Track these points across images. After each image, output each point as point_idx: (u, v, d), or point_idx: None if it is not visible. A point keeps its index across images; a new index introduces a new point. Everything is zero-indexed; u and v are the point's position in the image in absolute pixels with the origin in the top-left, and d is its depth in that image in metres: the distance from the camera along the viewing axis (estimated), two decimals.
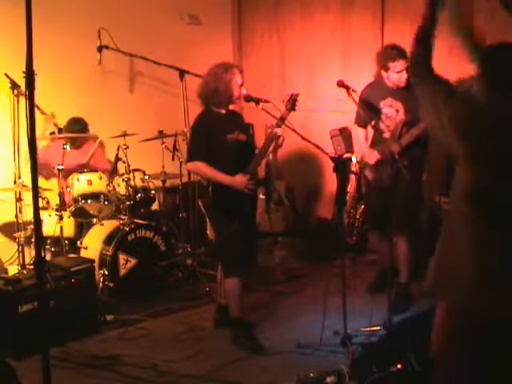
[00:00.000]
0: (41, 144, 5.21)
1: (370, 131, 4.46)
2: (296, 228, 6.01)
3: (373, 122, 4.35)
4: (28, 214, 4.65)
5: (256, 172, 3.87)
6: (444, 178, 4.82)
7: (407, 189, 4.09)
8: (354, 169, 5.47)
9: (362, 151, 4.43)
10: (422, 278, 4.46)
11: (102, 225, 4.76)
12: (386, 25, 5.37)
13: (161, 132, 5.13)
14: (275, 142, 3.79)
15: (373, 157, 4.25)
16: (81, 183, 4.79)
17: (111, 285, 4.48)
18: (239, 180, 3.68)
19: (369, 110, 4.16)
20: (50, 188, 5.05)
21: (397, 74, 4.07)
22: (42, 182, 5.04)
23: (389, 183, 4.11)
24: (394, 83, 4.13)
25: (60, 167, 4.51)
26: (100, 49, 5.25)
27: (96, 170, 4.94)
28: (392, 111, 4.18)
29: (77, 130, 5.14)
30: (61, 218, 4.51)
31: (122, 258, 4.54)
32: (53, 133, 4.97)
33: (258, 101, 3.74)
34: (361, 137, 4.45)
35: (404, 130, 4.12)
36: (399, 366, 2.89)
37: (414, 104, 4.12)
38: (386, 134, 4.20)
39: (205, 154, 3.71)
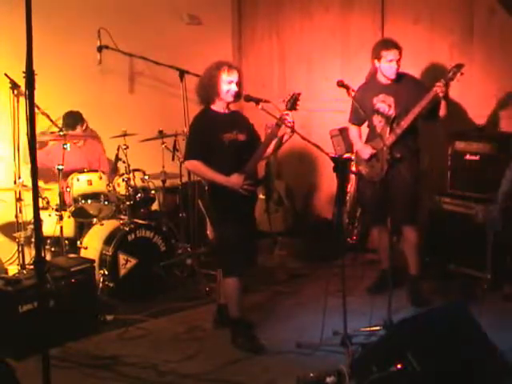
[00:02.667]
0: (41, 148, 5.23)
1: (365, 129, 4.50)
2: (296, 228, 6.01)
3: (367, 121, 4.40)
4: (28, 214, 4.65)
5: (254, 172, 3.87)
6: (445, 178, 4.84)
7: (404, 181, 4.14)
8: (353, 169, 5.47)
9: (356, 147, 4.50)
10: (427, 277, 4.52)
11: (102, 225, 4.76)
12: (386, 25, 5.37)
13: (161, 132, 5.13)
14: (283, 132, 3.73)
15: (366, 152, 4.32)
16: (81, 183, 4.79)
17: (111, 285, 4.48)
18: (234, 180, 3.67)
19: (363, 110, 4.19)
20: (50, 188, 5.05)
21: (388, 64, 4.16)
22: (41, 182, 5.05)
23: (382, 177, 4.14)
24: (386, 74, 4.21)
25: (60, 167, 4.50)
26: (100, 49, 5.24)
27: (96, 170, 4.95)
28: (385, 106, 4.25)
29: (72, 123, 5.17)
30: (61, 217, 4.50)
31: (122, 257, 4.54)
32: (53, 132, 4.96)
33: (257, 101, 3.73)
34: (353, 133, 4.53)
35: (395, 124, 4.17)
36: (399, 366, 2.89)
37: (404, 97, 4.18)
38: (379, 130, 4.25)
39: (201, 152, 3.71)
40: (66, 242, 4.73)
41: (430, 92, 4.02)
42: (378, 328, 3.73)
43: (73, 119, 5.23)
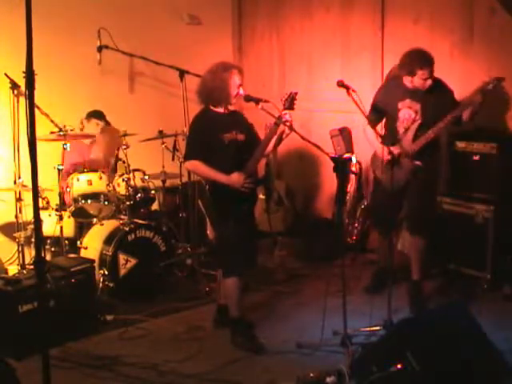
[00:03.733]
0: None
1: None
2: (296, 228, 6.01)
3: (383, 122, 4.32)
4: (28, 214, 4.65)
5: (255, 171, 3.87)
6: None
7: (420, 190, 4.07)
8: (354, 169, 5.47)
9: (375, 148, 4.30)
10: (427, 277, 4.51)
11: (102, 225, 4.76)
12: (385, 25, 5.37)
13: (161, 132, 5.13)
14: (282, 129, 3.71)
15: (387, 155, 4.11)
16: (81, 183, 4.78)
17: (111, 285, 4.48)
18: (235, 178, 3.67)
19: (383, 111, 4.11)
20: (50, 188, 5.05)
21: (422, 81, 4.02)
22: (43, 182, 5.05)
23: (402, 183, 4.08)
24: (418, 87, 4.07)
25: (60, 167, 4.50)
26: (100, 49, 5.24)
27: (96, 170, 4.94)
28: (410, 112, 4.12)
29: (96, 115, 5.33)
30: (61, 217, 4.50)
31: (122, 258, 4.54)
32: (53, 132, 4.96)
33: (257, 101, 3.73)
34: (371, 135, 4.26)
35: (419, 131, 4.07)
36: (399, 366, 2.89)
37: (431, 106, 4.05)
38: (402, 136, 4.15)
39: (201, 152, 3.71)
40: (66, 242, 4.72)
41: (466, 102, 3.94)
42: (378, 328, 3.73)
43: (95, 113, 5.35)
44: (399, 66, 4.14)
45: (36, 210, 2.38)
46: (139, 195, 4.95)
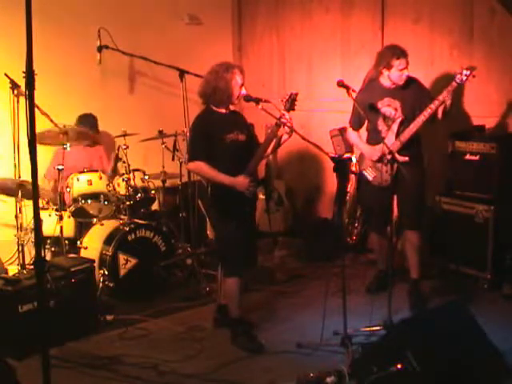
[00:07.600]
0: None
1: (362, 132, 4.45)
2: (296, 228, 6.01)
3: (366, 124, 4.35)
4: (28, 214, 4.65)
5: (255, 172, 3.87)
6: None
7: (412, 185, 4.09)
8: (354, 169, 5.47)
9: (362, 150, 4.40)
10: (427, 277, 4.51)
11: (102, 225, 4.76)
12: (386, 25, 5.37)
13: (161, 132, 5.13)
14: (281, 133, 3.72)
15: (375, 154, 4.22)
16: (81, 183, 4.79)
17: (111, 285, 4.48)
18: (240, 181, 3.66)
19: (365, 113, 4.15)
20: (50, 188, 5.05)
21: (399, 72, 4.10)
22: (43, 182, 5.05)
23: (390, 181, 4.10)
24: (394, 81, 4.15)
25: (60, 167, 4.50)
26: (100, 49, 5.24)
27: (96, 170, 4.95)
28: (391, 110, 4.19)
29: (87, 125, 5.20)
30: (61, 218, 4.50)
31: (122, 258, 4.54)
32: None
33: (257, 101, 3.73)
34: (355, 138, 4.42)
35: (402, 127, 4.14)
36: (399, 366, 2.89)
37: (410, 100, 4.14)
38: (385, 134, 4.20)
39: (204, 153, 3.71)
40: (66, 242, 4.72)
41: (441, 94, 3.98)
42: (378, 328, 3.73)
43: (89, 123, 5.26)
44: (376, 65, 4.22)
45: (36, 209, 2.38)
46: (139, 195, 4.95)
